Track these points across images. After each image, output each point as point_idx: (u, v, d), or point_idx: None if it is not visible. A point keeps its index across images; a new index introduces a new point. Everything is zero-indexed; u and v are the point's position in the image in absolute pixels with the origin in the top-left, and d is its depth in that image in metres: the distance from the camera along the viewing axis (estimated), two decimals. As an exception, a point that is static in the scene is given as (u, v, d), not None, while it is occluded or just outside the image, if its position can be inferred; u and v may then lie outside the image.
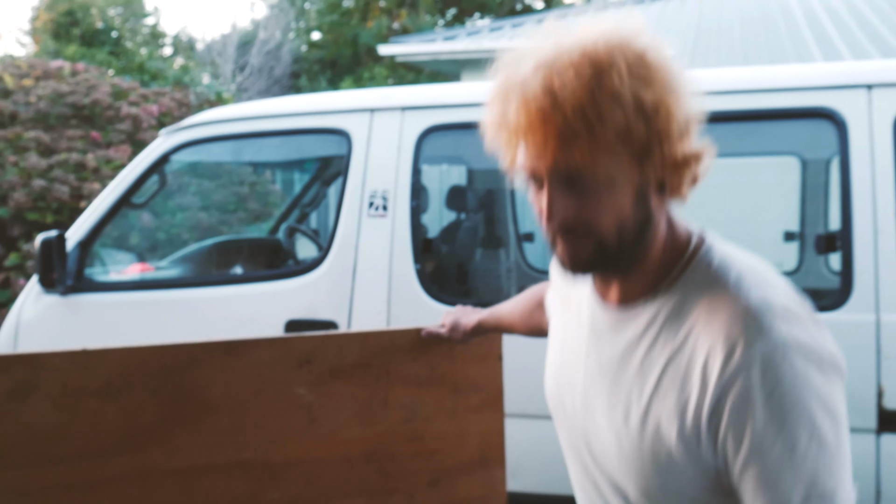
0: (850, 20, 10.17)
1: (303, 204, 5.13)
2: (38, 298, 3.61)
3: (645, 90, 1.09)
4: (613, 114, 1.07)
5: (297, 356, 2.08)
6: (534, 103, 1.08)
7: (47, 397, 1.93)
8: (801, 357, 1.06)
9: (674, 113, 1.10)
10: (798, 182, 4.72)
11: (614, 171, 1.11)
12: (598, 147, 1.08)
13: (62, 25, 19.92)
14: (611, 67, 1.08)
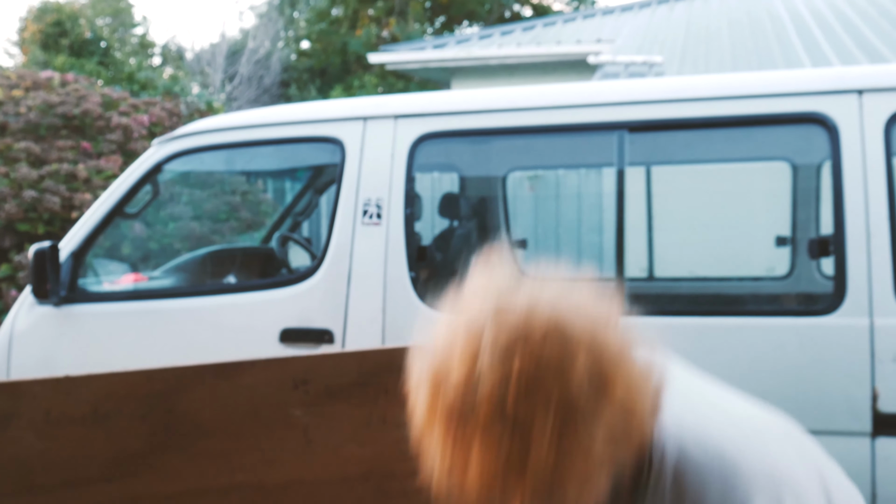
0: (836, 25, 10.24)
1: (296, 213, 5.13)
2: (31, 309, 3.60)
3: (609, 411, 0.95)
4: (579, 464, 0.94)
5: (293, 377, 2.03)
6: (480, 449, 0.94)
7: (30, 425, 1.88)
8: None
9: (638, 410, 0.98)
10: (790, 187, 4.75)
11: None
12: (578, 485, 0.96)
13: (51, 36, 19.88)
14: (573, 412, 0.94)
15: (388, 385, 2.05)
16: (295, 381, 2.02)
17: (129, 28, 32.18)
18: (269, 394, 2.01)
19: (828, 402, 2.81)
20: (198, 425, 1.98)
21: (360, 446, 2.03)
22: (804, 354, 2.84)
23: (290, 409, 2.02)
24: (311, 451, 2.05)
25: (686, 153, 4.71)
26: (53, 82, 8.04)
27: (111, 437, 1.92)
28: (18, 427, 1.87)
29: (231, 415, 2.00)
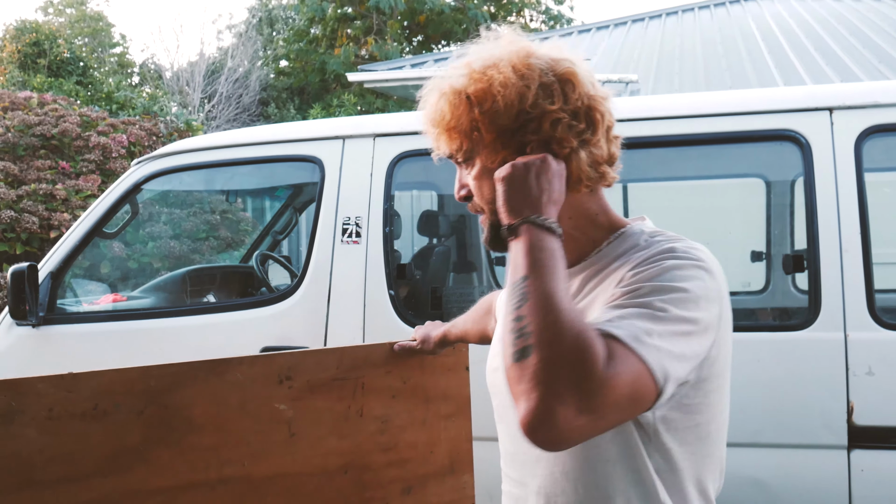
0: (808, 44, 10.38)
1: (275, 231, 5.13)
2: (9, 330, 3.58)
3: (471, 86, 1.35)
4: (445, 109, 1.37)
5: (278, 373, 2.13)
6: (430, 105, 1.42)
7: (32, 422, 1.93)
8: (673, 260, 1.29)
9: (499, 100, 1.32)
10: (764, 203, 4.81)
11: (470, 155, 1.41)
12: (448, 135, 1.39)
13: (28, 56, 19.79)
14: (451, 74, 1.40)
15: (366, 380, 2.19)
16: (280, 376, 2.13)
17: (107, 48, 32.11)
18: (256, 389, 2.11)
19: (804, 415, 2.84)
20: (189, 420, 2.06)
21: (340, 439, 2.14)
22: (780, 368, 2.87)
23: (275, 404, 2.14)
24: (294, 445, 2.16)
25: (662, 170, 4.76)
26: (32, 102, 8.02)
27: (109, 432, 1.98)
28: (21, 423, 1.92)
29: (221, 410, 2.09)
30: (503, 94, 1.32)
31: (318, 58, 27.10)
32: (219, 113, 24.77)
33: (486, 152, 1.37)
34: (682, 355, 1.21)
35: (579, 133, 1.34)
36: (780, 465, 2.87)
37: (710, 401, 1.37)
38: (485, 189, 1.39)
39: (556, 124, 1.32)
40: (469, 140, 1.37)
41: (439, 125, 1.39)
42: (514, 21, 28.09)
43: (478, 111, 1.33)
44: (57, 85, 16.85)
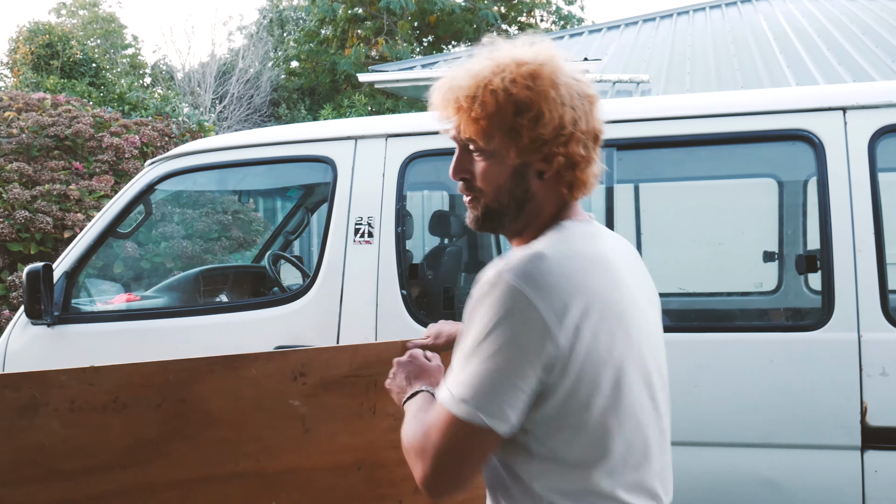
0: (820, 43, 10.35)
1: (287, 232, 5.15)
2: (24, 329, 3.61)
3: (521, 92, 1.49)
4: (489, 103, 1.49)
5: (292, 369, 2.16)
6: (444, 89, 1.56)
7: (55, 413, 1.97)
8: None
9: (546, 115, 1.48)
10: (777, 203, 4.79)
11: (494, 148, 1.54)
12: (481, 125, 1.51)
13: (42, 57, 19.88)
14: (500, 71, 1.51)
15: (378, 378, 2.16)
16: (294, 373, 2.16)
17: (119, 49, 32.25)
18: (270, 385, 2.15)
19: (817, 416, 2.84)
20: (206, 414, 2.10)
21: (353, 436, 2.16)
22: (793, 369, 2.87)
23: (289, 400, 2.17)
24: (307, 440, 2.19)
25: (674, 170, 4.75)
26: (45, 103, 8.06)
27: (128, 425, 2.02)
28: (46, 415, 1.97)
29: (237, 405, 2.13)
30: (549, 111, 1.49)
31: (328, 58, 27.14)
32: (230, 114, 24.84)
33: (515, 152, 1.52)
34: (499, 385, 1.38)
35: (591, 151, 1.56)
36: (793, 465, 2.86)
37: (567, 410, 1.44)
38: (497, 179, 1.56)
39: (579, 143, 1.52)
40: (502, 137, 1.52)
41: (474, 116, 1.51)
42: (525, 22, 28.06)
43: (525, 119, 1.49)
44: (70, 86, 16.94)
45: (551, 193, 1.57)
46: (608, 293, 1.45)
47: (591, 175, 1.56)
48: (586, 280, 1.43)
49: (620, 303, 1.47)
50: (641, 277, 1.64)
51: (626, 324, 1.47)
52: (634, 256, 1.68)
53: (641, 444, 1.49)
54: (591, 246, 1.53)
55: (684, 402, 2.95)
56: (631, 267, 1.61)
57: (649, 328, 1.57)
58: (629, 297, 1.51)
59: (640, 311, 1.54)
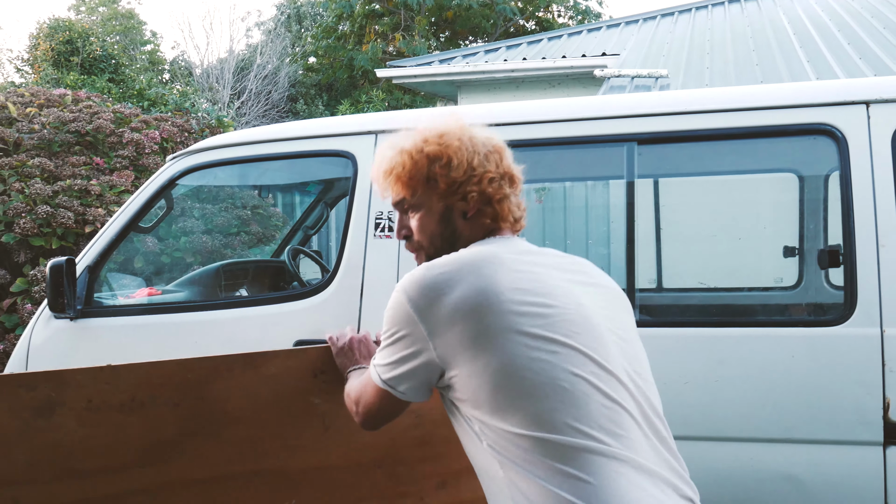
0: (840, 37, 10.27)
1: (306, 227, 5.17)
2: (47, 323, 3.64)
3: (431, 148, 1.80)
4: (407, 162, 1.81)
5: (312, 366, 2.17)
6: (376, 168, 1.90)
7: (72, 413, 1.96)
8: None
9: (454, 160, 1.78)
10: (797, 198, 4.77)
11: (421, 199, 1.83)
12: (404, 182, 1.82)
13: (62, 54, 20.01)
14: (414, 136, 1.85)
15: None
16: (314, 370, 2.17)
17: (138, 45, 32.41)
18: (290, 382, 2.16)
19: (839, 411, 2.82)
20: (226, 413, 2.11)
21: (373, 434, 2.10)
22: (815, 364, 2.85)
23: (309, 398, 2.18)
24: (328, 438, 2.21)
25: (695, 165, 4.73)
26: (66, 99, 8.12)
27: (147, 424, 2.01)
28: (62, 414, 1.95)
29: (256, 403, 2.14)
30: (458, 155, 1.79)
31: (346, 54, 27.17)
32: (248, 110, 24.93)
33: (437, 198, 1.81)
34: (395, 365, 1.71)
35: (508, 188, 1.83)
36: (814, 461, 2.85)
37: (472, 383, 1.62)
38: (428, 227, 1.84)
39: (492, 182, 1.80)
40: (424, 187, 1.82)
41: (398, 176, 1.82)
42: (542, 17, 27.99)
43: (437, 166, 1.79)
44: (90, 82, 17.05)
45: (477, 229, 1.82)
46: (485, 282, 1.61)
47: (510, 208, 1.83)
48: (462, 277, 1.62)
49: (504, 286, 1.61)
50: (571, 274, 1.76)
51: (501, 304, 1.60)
52: (568, 259, 1.83)
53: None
54: (487, 249, 1.72)
55: (705, 396, 2.94)
56: (551, 263, 1.76)
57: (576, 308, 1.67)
58: (522, 279, 1.64)
59: (579, 305, 1.67)
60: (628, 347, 1.71)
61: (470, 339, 1.57)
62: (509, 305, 1.57)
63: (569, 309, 1.62)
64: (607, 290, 1.81)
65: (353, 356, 2.10)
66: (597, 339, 1.62)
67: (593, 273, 1.83)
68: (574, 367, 1.56)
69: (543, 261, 1.74)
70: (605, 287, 1.81)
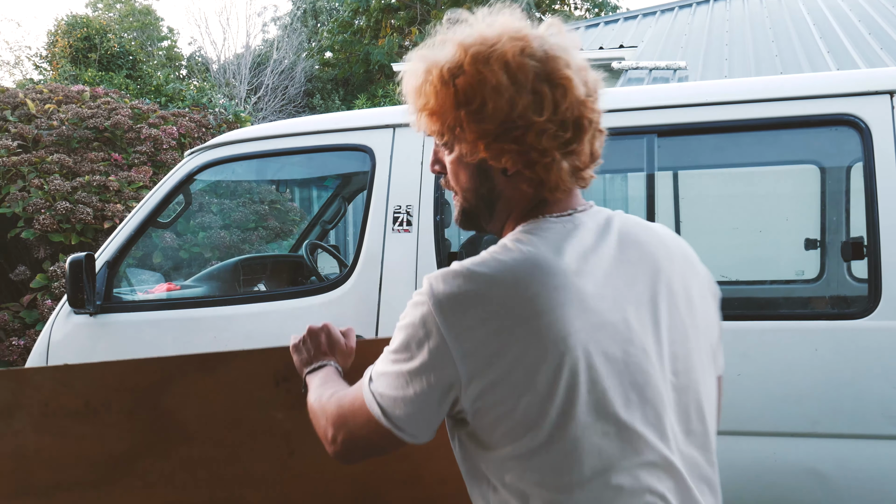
0: (861, 27, 10.16)
1: (324, 221, 5.16)
2: (67, 318, 3.66)
3: (462, 81, 1.33)
4: (430, 95, 1.36)
5: (275, 372, 1.84)
6: (403, 77, 1.43)
7: (29, 418, 1.84)
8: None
9: (489, 105, 1.31)
10: (818, 190, 4.72)
11: (450, 143, 1.40)
12: (428, 120, 1.39)
13: (80, 50, 20.13)
14: (445, 57, 1.36)
15: None
16: (276, 376, 1.85)
17: (155, 41, 32.53)
18: (249, 391, 1.87)
19: (863, 405, 2.79)
20: (180, 427, 1.88)
21: (350, 465, 1.62)
22: (839, 358, 2.82)
23: (271, 412, 1.87)
24: (293, 466, 1.88)
25: (715, 157, 4.70)
26: (84, 96, 8.15)
27: (100, 434, 1.86)
28: (21, 418, 1.84)
29: (211, 416, 1.89)
30: (493, 99, 1.31)
31: (362, 49, 27.20)
32: (265, 105, 24.99)
33: (466, 147, 1.37)
34: (399, 395, 1.33)
35: (565, 143, 1.34)
36: (838, 455, 2.82)
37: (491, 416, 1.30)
38: (461, 177, 1.43)
39: (541, 135, 1.32)
40: (450, 132, 1.38)
41: (422, 107, 1.39)
42: (559, 9, 27.90)
43: (464, 111, 1.33)
44: (108, 78, 17.13)
45: (518, 190, 1.40)
46: (539, 304, 1.25)
47: (561, 171, 1.35)
48: (511, 294, 1.26)
49: (560, 312, 1.25)
50: (635, 273, 1.38)
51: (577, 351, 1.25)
52: (631, 244, 1.41)
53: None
54: (544, 251, 1.30)
55: (728, 391, 2.91)
56: (614, 263, 1.36)
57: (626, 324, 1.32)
58: (578, 304, 1.27)
59: (624, 321, 1.31)
60: (684, 398, 1.37)
61: (507, 367, 1.26)
62: None
63: (630, 363, 1.29)
64: (680, 288, 1.43)
65: (310, 350, 1.69)
66: (655, 406, 1.30)
67: (663, 261, 1.42)
68: (625, 458, 1.27)
69: (601, 268, 1.33)
70: (679, 281, 1.43)
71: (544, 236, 1.34)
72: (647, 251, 1.42)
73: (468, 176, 1.41)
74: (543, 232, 1.35)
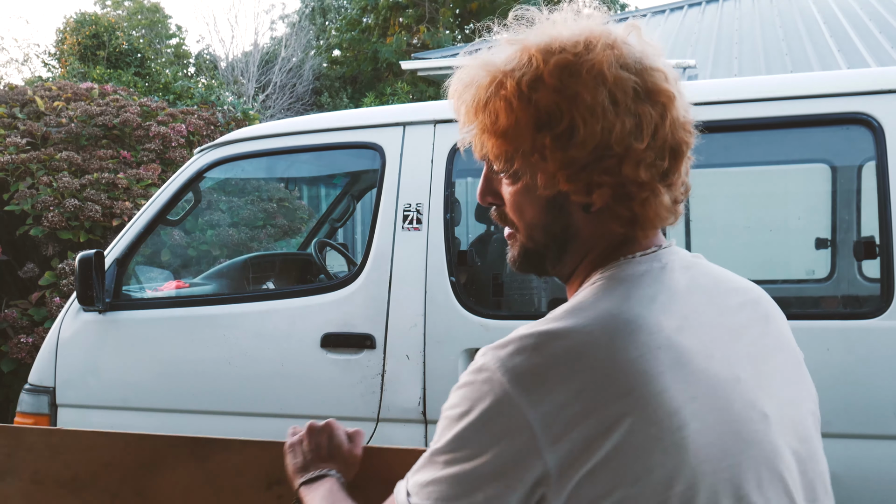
0: (871, 25, 10.12)
1: (332, 219, 5.16)
2: (76, 316, 3.66)
3: (544, 98, 1.07)
4: (501, 113, 1.09)
5: (268, 472, 1.61)
6: (457, 86, 1.15)
7: (19, 482, 1.74)
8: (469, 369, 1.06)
9: (581, 130, 1.06)
10: (829, 189, 4.70)
11: (520, 171, 1.13)
12: (495, 143, 1.11)
13: (88, 48, 20.18)
14: (520, 65, 1.09)
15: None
16: (269, 478, 1.61)
17: (164, 39, 32.59)
18: (238, 489, 1.65)
19: (876, 405, 2.78)
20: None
21: None
22: (851, 357, 2.81)
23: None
24: None
25: (725, 156, 4.68)
26: (93, 93, 8.16)
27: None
28: (11, 482, 1.73)
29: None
30: (586, 122, 1.05)
31: (370, 47, 27.21)
32: (273, 103, 25.02)
33: (543, 178, 1.11)
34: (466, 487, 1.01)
35: (662, 174, 1.11)
36: (851, 455, 2.80)
37: None
38: (527, 211, 1.16)
39: (639, 165, 1.07)
40: (523, 160, 1.11)
41: (488, 127, 1.11)
42: (567, 7, 27.86)
43: (548, 136, 1.07)
44: (116, 76, 17.15)
45: (604, 230, 1.15)
46: (643, 371, 1.00)
47: (659, 206, 1.11)
48: (608, 361, 1.00)
49: (668, 378, 1.01)
50: (740, 322, 1.16)
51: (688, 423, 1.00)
52: (727, 291, 1.20)
53: None
54: (639, 303, 1.07)
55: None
56: (714, 311, 1.14)
57: (764, 397, 1.09)
58: (702, 373, 1.04)
59: (737, 381, 1.08)
60: (809, 470, 1.15)
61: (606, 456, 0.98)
62: None
63: (753, 448, 1.04)
64: (787, 342, 1.24)
65: (307, 454, 1.42)
66: (785, 482, 1.08)
67: (770, 307, 1.25)
68: None
69: (701, 320, 1.10)
70: (786, 333, 1.25)
71: (635, 283, 1.10)
72: (749, 297, 1.22)
73: (538, 211, 1.15)
74: (633, 278, 1.11)
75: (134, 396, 3.58)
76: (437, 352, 3.19)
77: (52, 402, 3.63)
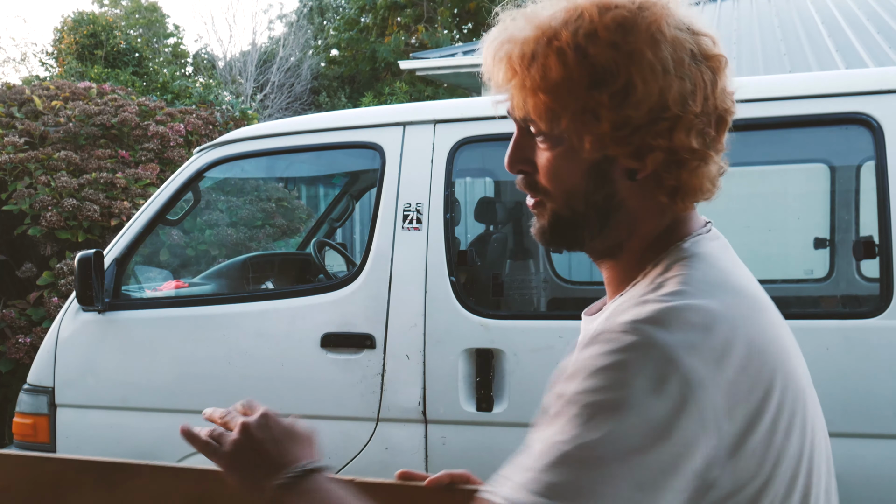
0: (869, 26, 10.13)
1: (332, 219, 5.16)
2: (75, 316, 3.66)
3: (602, 53, 1.00)
4: (553, 68, 1.01)
5: (186, 500, 1.41)
6: (496, 43, 1.06)
7: None
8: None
9: (639, 89, 0.99)
10: (828, 189, 4.71)
11: (562, 133, 1.05)
12: (542, 100, 1.03)
13: (86, 47, 20.17)
14: (574, 19, 1.02)
15: None
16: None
17: (161, 38, 32.56)
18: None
19: (875, 405, 2.78)
20: None
21: None
22: (850, 357, 2.82)
23: None
24: None
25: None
26: (91, 92, 8.15)
27: None
28: None
29: None
30: (645, 81, 0.99)
31: (368, 46, 27.21)
32: (271, 102, 25.01)
33: (591, 139, 1.03)
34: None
35: (710, 143, 1.05)
36: (850, 455, 2.81)
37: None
38: (565, 177, 1.07)
39: (690, 131, 1.02)
40: (574, 119, 1.03)
41: (531, 84, 1.02)
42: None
43: (606, 93, 1.00)
44: (114, 75, 17.16)
45: (649, 201, 1.08)
46: (783, 354, 1.00)
47: (705, 176, 1.06)
48: (763, 340, 0.98)
49: (795, 364, 1.03)
50: None
51: (802, 398, 1.01)
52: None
53: None
54: (743, 281, 1.06)
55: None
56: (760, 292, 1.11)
57: (813, 394, 1.09)
58: (795, 354, 1.06)
59: (804, 371, 1.09)
60: (830, 466, 1.12)
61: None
62: None
63: (818, 434, 1.06)
64: None
65: (269, 453, 1.13)
66: (831, 477, 1.08)
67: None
68: None
69: (760, 306, 1.06)
70: None
71: (721, 257, 1.08)
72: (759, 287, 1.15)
73: (579, 177, 1.06)
74: (713, 254, 1.07)
75: (133, 396, 3.58)
76: (437, 352, 3.19)
77: (51, 402, 3.63)
